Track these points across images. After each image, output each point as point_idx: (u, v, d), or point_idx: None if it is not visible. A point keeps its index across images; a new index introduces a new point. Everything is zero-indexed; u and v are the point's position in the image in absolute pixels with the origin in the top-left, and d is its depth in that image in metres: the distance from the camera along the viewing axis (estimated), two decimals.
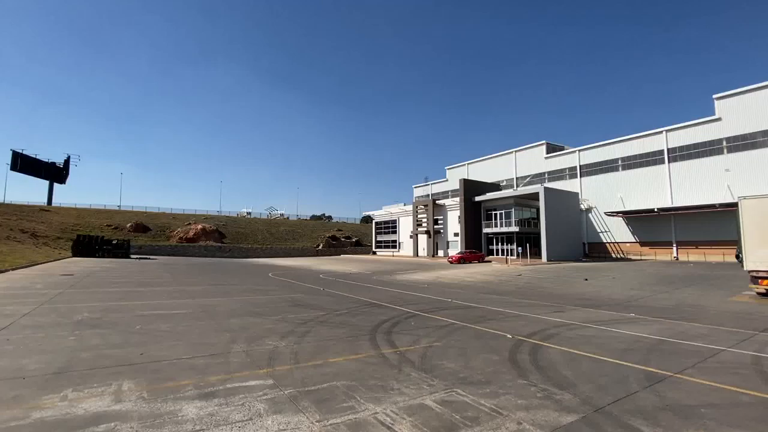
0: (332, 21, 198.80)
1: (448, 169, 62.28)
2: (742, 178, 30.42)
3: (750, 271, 13.19)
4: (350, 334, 8.54)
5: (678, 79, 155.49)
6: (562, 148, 47.51)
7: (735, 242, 13.95)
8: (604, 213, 39.40)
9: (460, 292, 16.24)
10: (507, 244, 39.78)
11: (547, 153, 46.73)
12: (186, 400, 4.70)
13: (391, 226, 59.21)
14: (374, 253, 62.67)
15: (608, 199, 39.34)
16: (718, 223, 30.15)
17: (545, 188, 36.53)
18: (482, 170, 54.57)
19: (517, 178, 49.84)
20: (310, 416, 4.27)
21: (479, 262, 36.17)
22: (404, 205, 58.66)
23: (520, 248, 34.28)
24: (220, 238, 62.59)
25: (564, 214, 37.87)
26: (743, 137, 31.13)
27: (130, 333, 8.34)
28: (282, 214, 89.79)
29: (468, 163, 58.51)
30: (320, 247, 66.15)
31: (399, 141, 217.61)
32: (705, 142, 33.25)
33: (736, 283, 16.83)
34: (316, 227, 79.74)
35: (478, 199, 42.68)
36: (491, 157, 54.97)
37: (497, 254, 40.84)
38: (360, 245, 70.91)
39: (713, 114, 32.88)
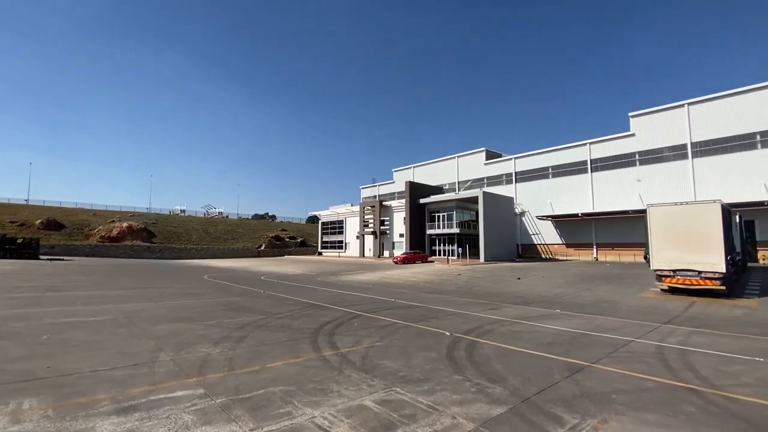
0: (280, 13, 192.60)
1: (395, 171, 63.32)
2: (651, 188, 34.62)
3: (655, 270, 14.97)
4: (290, 337, 8.29)
5: (604, 91, 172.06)
6: (500, 156, 50.59)
7: (644, 244, 15.74)
8: (536, 217, 42.57)
9: (403, 292, 16.53)
10: (448, 245, 41.34)
11: (487, 159, 49.42)
12: (101, 416, 4.22)
13: (337, 227, 58.75)
14: (320, 253, 61.73)
15: (540, 204, 42.55)
16: (630, 227, 33.91)
17: (484, 193, 38.57)
18: (427, 173, 56.22)
19: (459, 182, 52.05)
20: (243, 425, 4.05)
21: (423, 262, 37.17)
22: (351, 205, 58.51)
23: (460, 249, 35.81)
24: (149, 238, 57.63)
25: (500, 217, 40.26)
26: (652, 152, 35.45)
27: (36, 344, 7.35)
28: (220, 213, 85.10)
29: (414, 166, 59.94)
30: (262, 248, 63.68)
31: (347, 141, 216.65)
32: (621, 154, 37.34)
33: (645, 281, 18.99)
34: (259, 227, 76.63)
35: (422, 201, 43.88)
36: (436, 162, 56.85)
37: (439, 255, 42.28)
38: (305, 246, 69.42)
39: (629, 130, 37.07)
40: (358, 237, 52.97)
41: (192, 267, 35.70)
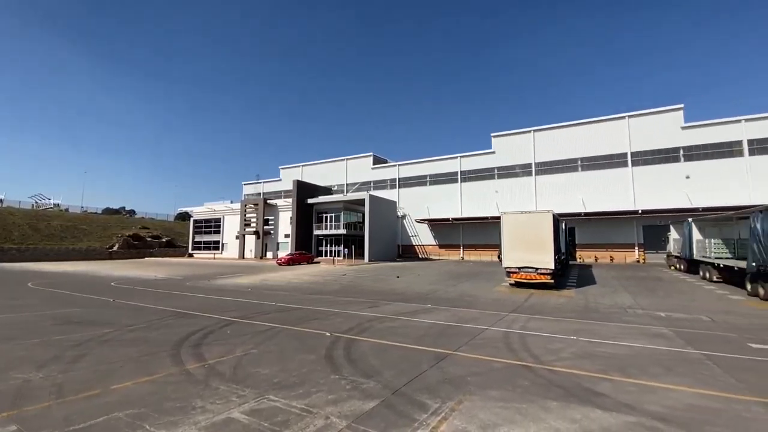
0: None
1: (282, 168, 60.96)
2: (506, 198, 40.95)
3: (506, 268, 17.66)
4: (146, 352, 7.19)
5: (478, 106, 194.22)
6: (385, 161, 53.33)
7: (499, 246, 18.41)
8: (415, 220, 46.19)
9: (285, 295, 15.97)
10: (335, 246, 41.67)
11: (374, 164, 51.57)
12: None
13: (213, 226, 53.51)
14: (191, 255, 55.27)
15: (419, 208, 46.30)
16: (490, 231, 39.41)
17: (370, 196, 40.12)
18: (316, 173, 55.68)
19: (347, 184, 52.98)
20: None
21: (308, 263, 36.59)
22: (231, 203, 54.03)
23: (346, 249, 36.46)
24: None
25: (384, 219, 42.41)
26: (508, 167, 41.99)
27: None
28: (57, 205, 68.93)
29: (303, 165, 58.69)
30: (115, 248, 53.86)
31: (228, 134, 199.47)
32: (485, 168, 43.27)
33: (498, 277, 22.18)
34: (111, 223, 64.57)
35: (310, 201, 43.26)
36: (325, 162, 56.74)
37: (326, 255, 42.28)
38: (173, 246, 61.25)
39: (491, 148, 43.18)
40: (237, 237, 49.19)
41: (11, 272, 28.08)
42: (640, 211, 32.74)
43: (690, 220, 22.05)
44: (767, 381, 5.78)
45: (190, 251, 56.18)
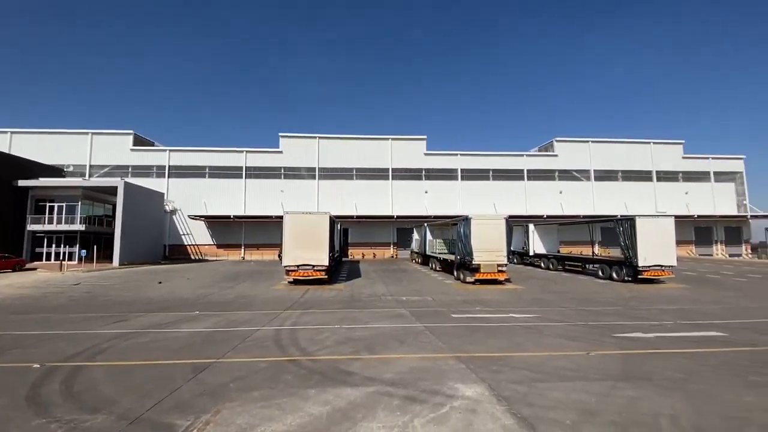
0: None
1: None
2: (291, 198, 41.84)
3: (285, 266, 17.98)
4: None
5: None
6: (152, 144, 44.66)
7: (281, 245, 18.51)
8: (188, 216, 40.69)
9: None
10: (67, 246, 31.54)
11: (135, 145, 42.20)
12: None
13: None
14: None
15: (194, 203, 41.07)
16: (274, 230, 39.20)
17: (126, 183, 32.54)
18: (39, 146, 40.51)
19: (92, 166, 41.15)
20: None
21: (14, 270, 26.17)
22: None
23: (85, 251, 28.15)
24: None
25: (147, 214, 35.37)
26: (294, 169, 43.00)
27: None
28: None
29: (13, 132, 41.55)
30: None
31: None
32: (272, 167, 42.81)
33: (278, 276, 22.33)
34: None
35: (23, 183, 31.06)
36: (55, 132, 42.08)
37: (50, 259, 31.40)
38: None
39: (279, 147, 43.15)
40: None
41: None
42: (395, 216, 40.13)
43: (425, 224, 28.69)
44: (458, 340, 8.12)
45: None
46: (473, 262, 17.90)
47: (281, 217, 18.42)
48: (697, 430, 4.20)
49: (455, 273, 20.31)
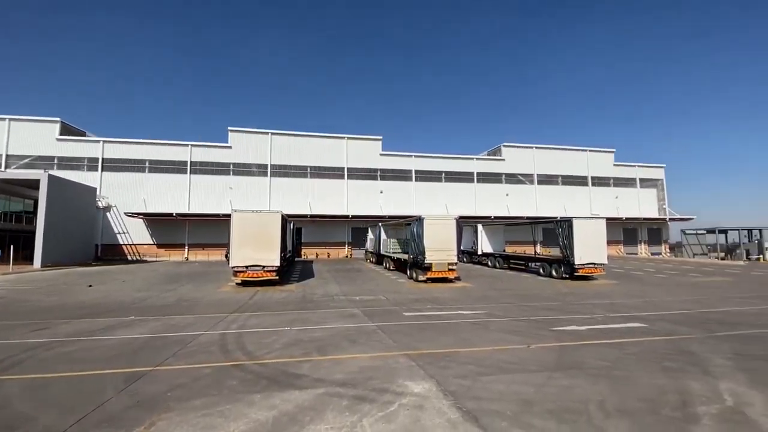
0: None
1: None
2: (241, 196, 40.03)
3: (233, 267, 17.21)
4: None
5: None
6: (83, 133, 40.68)
7: (228, 245, 17.69)
8: (125, 213, 37.58)
9: None
10: None
11: (62, 134, 38.18)
12: None
13: None
14: None
15: (131, 199, 38.01)
16: (221, 229, 37.34)
17: (51, 176, 29.30)
18: None
19: (9, 156, 36.60)
20: None
21: None
22: None
23: None
24: None
25: (76, 210, 32.13)
26: (245, 165, 41.25)
27: None
28: None
29: None
30: None
31: None
32: (220, 162, 40.73)
33: (225, 277, 21.31)
34: None
35: None
36: None
37: None
38: None
39: (228, 142, 41.13)
40: None
41: None
42: (350, 216, 39.97)
43: (380, 224, 28.90)
44: (409, 338, 8.26)
45: None
46: (425, 261, 18.31)
47: (230, 216, 17.62)
48: (619, 412, 4.62)
49: (408, 272, 20.65)
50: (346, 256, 41.20)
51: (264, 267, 17.07)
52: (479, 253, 29.73)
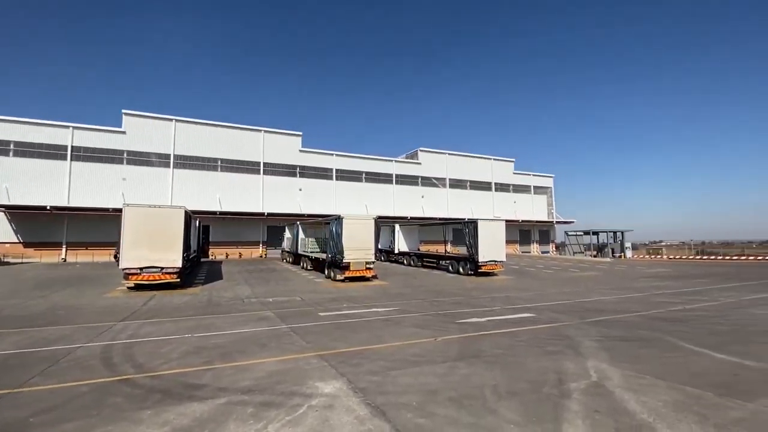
0: None
1: None
2: (137, 188, 35.34)
3: (123, 269, 15.16)
4: None
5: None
6: None
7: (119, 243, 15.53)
8: None
9: None
10: None
11: None
12: None
13: None
14: None
15: None
16: (110, 226, 32.61)
17: None
18: None
19: None
20: None
21: None
22: None
23: None
24: None
25: None
26: (142, 154, 36.51)
27: None
28: None
29: None
30: None
31: None
32: (110, 149, 35.42)
33: (114, 281, 18.67)
34: None
35: None
36: None
37: None
38: None
39: (121, 126, 36.03)
40: None
41: None
42: (266, 214, 38.14)
43: (298, 223, 28.11)
44: (323, 338, 8.18)
45: None
46: (344, 260, 18.33)
47: (121, 210, 15.51)
48: (509, 393, 5.16)
49: (326, 271, 20.44)
50: (261, 256, 39.24)
51: (163, 269, 15.39)
52: (396, 252, 30.72)
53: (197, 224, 26.40)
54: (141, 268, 15.13)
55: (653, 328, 9.47)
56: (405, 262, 29.63)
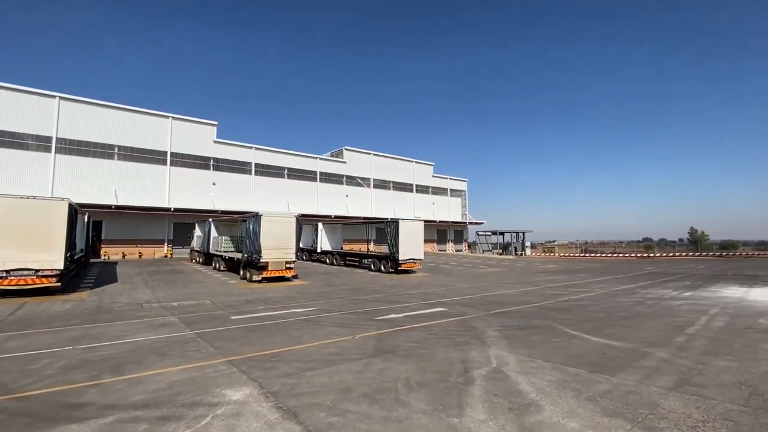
0: None
1: None
2: (8, 176, 29.33)
3: None
4: None
5: None
6: None
7: None
8: None
9: None
10: None
11: None
12: None
13: None
14: None
15: None
16: None
17: None
18: None
19: None
20: None
21: None
22: None
23: None
24: None
25: None
26: (13, 134, 30.36)
27: None
28: None
29: None
30: None
31: None
32: None
33: None
34: None
35: None
36: None
37: None
38: None
39: None
40: None
41: None
42: (173, 209, 34.65)
43: (210, 220, 26.08)
44: (234, 343, 7.71)
45: None
46: (261, 260, 17.50)
47: None
48: (419, 385, 5.43)
49: (241, 272, 19.30)
50: (166, 256, 35.51)
51: (38, 271, 13.07)
52: (319, 250, 30.27)
53: (86, 219, 22.93)
54: (6, 271, 12.65)
55: (544, 317, 10.76)
56: (328, 261, 29.35)
